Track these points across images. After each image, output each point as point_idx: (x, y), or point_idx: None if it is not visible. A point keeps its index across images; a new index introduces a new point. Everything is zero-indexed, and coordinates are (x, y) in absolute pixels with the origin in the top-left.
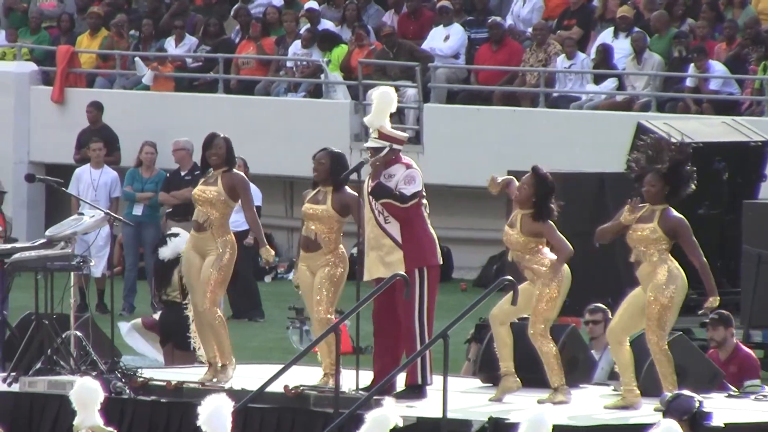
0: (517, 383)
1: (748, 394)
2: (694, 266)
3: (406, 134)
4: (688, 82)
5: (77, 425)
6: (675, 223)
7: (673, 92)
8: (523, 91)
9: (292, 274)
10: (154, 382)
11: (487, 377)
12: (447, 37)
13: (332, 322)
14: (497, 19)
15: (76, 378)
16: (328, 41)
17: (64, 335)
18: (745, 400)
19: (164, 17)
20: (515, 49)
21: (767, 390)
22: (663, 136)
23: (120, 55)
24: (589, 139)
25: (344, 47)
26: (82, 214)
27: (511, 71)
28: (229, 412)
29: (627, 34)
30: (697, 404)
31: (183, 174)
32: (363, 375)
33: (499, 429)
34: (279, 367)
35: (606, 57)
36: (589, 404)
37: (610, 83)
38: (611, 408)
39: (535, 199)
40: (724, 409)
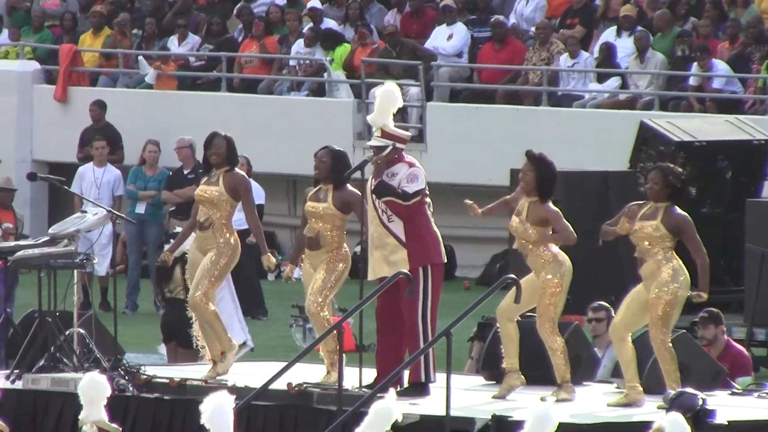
0: (521, 380)
1: (751, 391)
2: (697, 265)
3: (409, 133)
4: (692, 81)
5: (82, 419)
6: (679, 220)
7: (677, 91)
8: (526, 90)
9: (296, 273)
10: (157, 380)
11: (490, 375)
12: (450, 36)
13: (320, 312)
14: (500, 17)
15: (80, 375)
16: (331, 40)
17: (67, 332)
18: (748, 398)
19: (167, 16)
20: (518, 48)
21: None
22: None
23: (123, 54)
24: (592, 138)
25: (347, 46)
26: (85, 212)
27: (513, 70)
28: (231, 409)
29: (630, 33)
30: (701, 402)
31: (186, 172)
32: (366, 373)
33: (503, 427)
34: (282, 364)
35: (609, 56)
36: (592, 402)
37: (613, 82)
38: (614, 405)
39: (539, 181)
40: (728, 406)
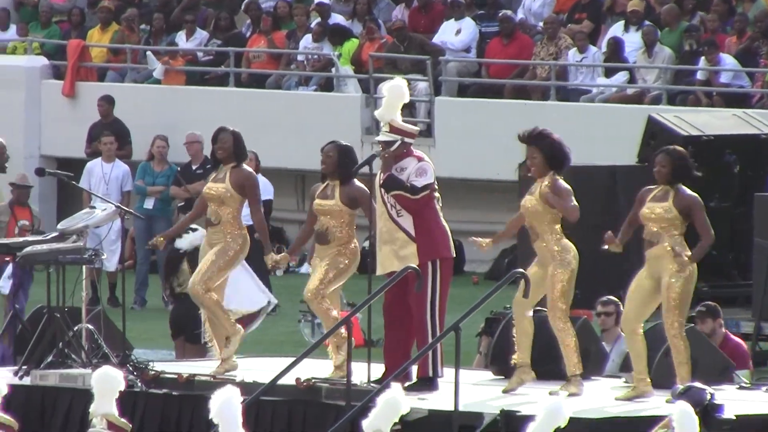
0: (531, 375)
1: (759, 385)
2: (705, 258)
3: (417, 128)
4: (699, 75)
5: (92, 412)
6: (690, 200)
7: (684, 85)
8: (534, 85)
9: (304, 267)
10: (166, 375)
11: (499, 370)
12: (458, 31)
13: (314, 301)
14: (508, 12)
15: (88, 371)
16: (339, 35)
17: (76, 328)
18: (756, 392)
19: (175, 11)
20: (526, 43)
21: None
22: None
23: (131, 49)
24: (600, 133)
25: (355, 41)
26: (94, 208)
27: (522, 65)
28: (239, 404)
29: (638, 28)
30: (709, 396)
31: (194, 168)
32: (374, 368)
33: (511, 422)
34: (291, 360)
35: (617, 50)
36: (601, 396)
37: (621, 76)
38: (623, 399)
39: (547, 158)
40: (736, 400)
